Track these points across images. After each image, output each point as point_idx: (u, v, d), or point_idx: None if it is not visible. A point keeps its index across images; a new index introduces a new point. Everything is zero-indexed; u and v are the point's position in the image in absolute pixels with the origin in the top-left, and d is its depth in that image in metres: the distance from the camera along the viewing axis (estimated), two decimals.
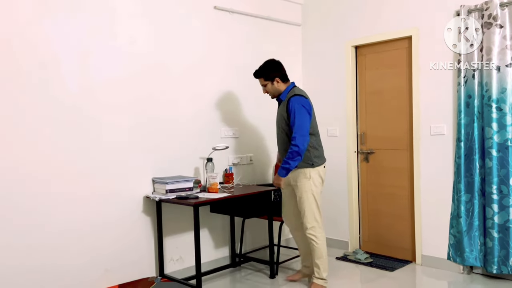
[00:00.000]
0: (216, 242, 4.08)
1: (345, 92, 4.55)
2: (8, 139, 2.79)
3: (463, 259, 3.69)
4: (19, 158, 2.84)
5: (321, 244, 3.46)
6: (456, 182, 3.73)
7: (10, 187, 2.80)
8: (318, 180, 3.46)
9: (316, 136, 3.48)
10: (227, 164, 4.12)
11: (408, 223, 4.18)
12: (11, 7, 2.80)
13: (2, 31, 2.77)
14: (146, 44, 3.53)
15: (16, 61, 2.83)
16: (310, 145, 3.38)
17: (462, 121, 3.65)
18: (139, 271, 3.45)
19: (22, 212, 2.85)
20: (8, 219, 2.78)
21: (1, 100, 2.77)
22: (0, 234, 2.75)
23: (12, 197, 2.80)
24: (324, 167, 3.52)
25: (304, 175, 3.42)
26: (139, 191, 3.48)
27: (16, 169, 2.82)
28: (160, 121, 3.61)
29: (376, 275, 3.87)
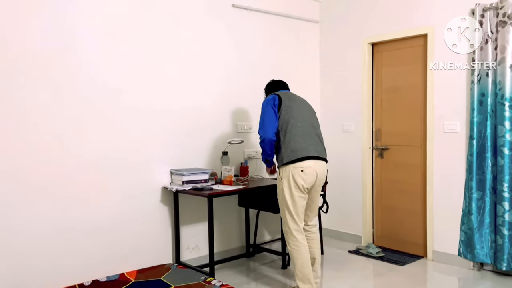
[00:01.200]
0: (231, 233, 4.23)
1: (361, 88, 4.61)
2: (39, 131, 3.01)
3: (474, 256, 3.72)
4: (46, 149, 3.05)
5: (294, 251, 3.15)
6: (468, 180, 3.76)
7: (40, 174, 3.01)
8: (288, 180, 3.09)
9: (285, 129, 3.14)
10: (243, 157, 4.26)
11: (420, 219, 4.23)
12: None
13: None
14: (167, 41, 3.69)
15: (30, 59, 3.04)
16: (279, 141, 3.18)
17: (475, 119, 3.67)
18: (156, 258, 3.64)
19: (49, 198, 3.06)
20: (37, 202, 3.00)
21: (33, 91, 2.98)
22: (29, 218, 2.97)
23: (41, 184, 3.02)
24: (302, 169, 3.05)
25: (278, 174, 3.23)
26: (157, 182, 3.66)
27: (45, 159, 3.04)
28: (178, 116, 3.77)
29: (387, 269, 3.94)
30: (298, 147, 3.10)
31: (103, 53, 3.32)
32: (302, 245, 3.16)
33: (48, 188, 3.05)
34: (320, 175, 3.19)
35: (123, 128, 3.44)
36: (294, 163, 3.08)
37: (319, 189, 3.31)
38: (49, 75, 3.05)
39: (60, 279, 3.09)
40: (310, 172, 3.10)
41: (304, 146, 3.11)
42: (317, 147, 3.19)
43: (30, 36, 2.96)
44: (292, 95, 3.39)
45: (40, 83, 3.01)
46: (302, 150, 3.09)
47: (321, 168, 3.19)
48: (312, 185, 3.15)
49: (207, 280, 3.13)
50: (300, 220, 3.17)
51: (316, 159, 3.14)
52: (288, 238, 3.20)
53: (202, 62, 3.94)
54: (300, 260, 3.15)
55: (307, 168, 3.08)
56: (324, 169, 3.24)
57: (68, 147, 3.15)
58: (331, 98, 4.92)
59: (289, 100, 3.27)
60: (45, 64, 3.03)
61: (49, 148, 3.06)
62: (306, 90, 4.79)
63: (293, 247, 3.16)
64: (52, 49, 3.06)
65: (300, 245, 3.15)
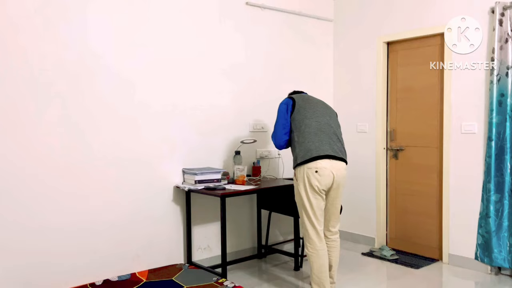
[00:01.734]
0: (243, 233, 4.19)
1: (376, 88, 4.54)
2: (53, 130, 2.99)
3: (491, 260, 3.64)
4: (60, 148, 3.03)
5: (311, 256, 3.06)
6: (485, 182, 3.67)
7: (53, 172, 3.00)
8: (303, 181, 3.00)
9: (299, 130, 3.09)
10: (255, 157, 4.21)
11: (435, 221, 4.15)
12: None
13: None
14: (181, 40, 3.65)
15: None
16: (293, 140, 3.14)
17: (494, 120, 3.59)
18: (168, 257, 3.61)
19: (59, 197, 3.04)
20: (48, 201, 2.99)
21: (42, 92, 2.96)
22: (41, 216, 2.96)
23: (53, 182, 3.00)
24: (316, 170, 2.95)
25: (294, 175, 3.16)
26: (169, 181, 3.62)
27: (58, 158, 3.02)
28: (191, 114, 3.74)
29: (401, 272, 3.87)
30: (312, 146, 3.00)
31: (116, 51, 3.29)
32: (320, 249, 3.05)
33: (59, 186, 3.03)
34: (338, 177, 3.02)
35: (136, 127, 3.41)
36: (308, 163, 2.97)
37: (339, 192, 3.12)
38: (64, 72, 3.03)
39: (72, 278, 3.07)
40: (326, 174, 2.97)
41: (318, 145, 3.00)
42: (334, 146, 3.05)
43: (44, 33, 2.94)
44: (308, 97, 3.33)
45: (55, 81, 2.99)
46: (317, 149, 2.98)
47: (339, 169, 3.02)
48: (328, 187, 3.03)
49: (219, 281, 3.09)
50: (318, 223, 3.06)
51: (333, 158, 3.00)
52: (306, 241, 3.10)
53: (215, 61, 3.90)
54: (317, 265, 3.04)
55: (322, 169, 2.96)
56: (343, 171, 3.06)
57: (82, 146, 3.13)
58: (345, 98, 4.85)
59: (303, 101, 3.21)
60: (60, 61, 3.01)
61: (63, 147, 3.04)
62: (319, 89, 4.74)
63: (311, 251, 3.06)
64: (67, 47, 3.04)
65: (318, 249, 3.04)
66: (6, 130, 2.82)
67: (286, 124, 3.18)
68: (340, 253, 3.29)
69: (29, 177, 2.90)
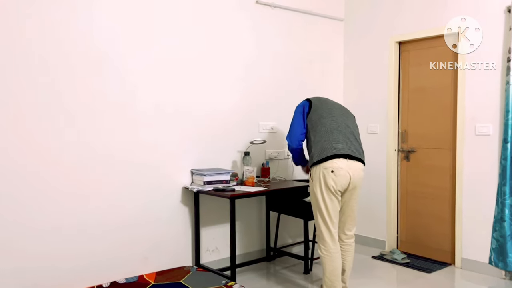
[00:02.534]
0: (252, 235, 4.13)
1: (387, 88, 4.46)
2: (61, 131, 2.95)
3: (506, 264, 3.55)
4: (67, 149, 2.99)
5: (324, 258, 2.99)
6: (501, 185, 3.59)
7: (59, 173, 2.96)
8: (318, 182, 2.93)
9: (315, 130, 3.05)
10: (264, 158, 4.15)
11: (448, 225, 4.07)
12: None
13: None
14: (190, 39, 3.60)
15: None
16: (309, 140, 3.11)
17: (510, 122, 3.50)
18: (176, 260, 3.55)
19: (68, 198, 3.00)
20: (56, 202, 2.94)
21: (44, 89, 2.92)
22: (46, 218, 2.91)
23: (60, 184, 2.96)
24: (332, 170, 2.88)
25: (309, 175, 3.08)
26: (178, 182, 3.57)
27: (65, 158, 2.98)
28: (200, 115, 3.68)
29: (413, 276, 3.79)
30: (328, 145, 2.94)
31: (122, 50, 3.24)
32: (334, 251, 2.98)
33: (67, 188, 2.99)
34: (355, 178, 2.95)
35: (144, 127, 3.36)
36: (324, 163, 2.90)
37: (355, 194, 3.05)
38: (67, 70, 2.99)
39: (79, 280, 3.03)
40: (342, 174, 2.89)
41: (335, 144, 2.94)
42: (351, 146, 2.98)
43: (47, 29, 2.90)
44: (324, 98, 3.32)
45: (62, 82, 2.95)
46: (333, 148, 2.92)
47: (355, 170, 2.95)
48: (345, 188, 2.95)
49: (229, 284, 3.04)
50: (333, 224, 2.99)
51: (349, 158, 2.93)
52: (320, 243, 3.02)
53: (224, 61, 3.84)
54: (330, 268, 2.98)
55: (338, 169, 2.88)
56: (359, 172, 2.99)
57: (90, 146, 3.09)
58: (355, 98, 4.78)
59: (320, 102, 3.19)
60: (63, 58, 2.97)
61: (69, 147, 3.00)
62: (330, 89, 4.69)
63: (324, 253, 2.99)
64: (71, 43, 3.00)
65: (332, 252, 2.97)
66: (8, 127, 2.76)
67: (302, 124, 3.16)
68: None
69: (31, 176, 2.85)
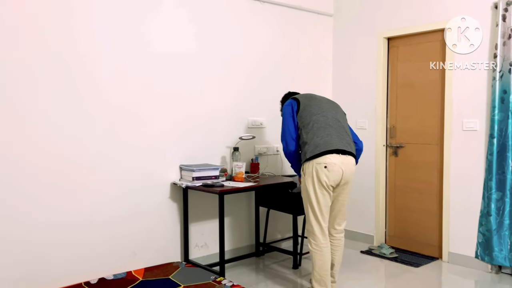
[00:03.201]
0: (240, 231, 4.13)
1: (376, 84, 4.48)
2: (52, 124, 2.91)
3: (492, 258, 3.60)
4: (55, 142, 2.96)
5: (314, 252, 3.01)
6: (487, 179, 3.63)
7: (47, 168, 2.92)
8: (311, 177, 2.93)
9: (307, 127, 3.04)
10: (254, 154, 4.15)
11: (435, 220, 4.11)
12: None
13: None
14: (178, 35, 3.58)
15: None
16: (301, 138, 3.07)
17: (496, 117, 3.54)
18: (164, 255, 3.54)
19: (53, 192, 2.97)
20: (46, 196, 2.91)
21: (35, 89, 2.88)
22: (32, 211, 2.88)
23: (47, 176, 2.93)
24: (325, 166, 2.89)
25: (301, 170, 3.08)
26: (166, 177, 3.55)
27: (50, 151, 2.95)
28: (189, 110, 3.66)
29: (401, 271, 3.83)
30: (321, 141, 2.94)
31: (114, 44, 3.21)
32: (324, 246, 3.00)
33: (54, 184, 2.96)
34: (347, 173, 2.96)
35: (132, 122, 3.33)
36: (317, 158, 2.90)
37: (347, 189, 3.06)
38: (59, 62, 2.96)
39: (66, 277, 3.00)
40: (335, 170, 2.90)
41: (328, 140, 2.94)
42: (343, 140, 2.99)
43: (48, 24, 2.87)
44: (311, 94, 3.28)
45: (53, 78, 2.92)
46: (326, 144, 2.92)
47: (347, 165, 2.97)
48: (337, 183, 2.96)
49: (217, 279, 3.04)
50: (324, 219, 3.00)
51: (342, 153, 2.94)
52: (310, 238, 3.04)
53: (213, 56, 3.82)
54: (320, 262, 2.99)
55: (331, 164, 2.89)
56: (351, 167, 3.01)
57: (77, 143, 3.06)
58: (344, 94, 4.79)
59: (307, 99, 3.17)
60: (59, 57, 2.93)
61: (57, 144, 2.97)
62: (319, 84, 4.70)
63: (314, 248, 3.01)
64: (65, 35, 2.97)
65: (322, 247, 2.99)
66: None
67: (293, 125, 3.12)
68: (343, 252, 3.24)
69: (20, 173, 2.82)
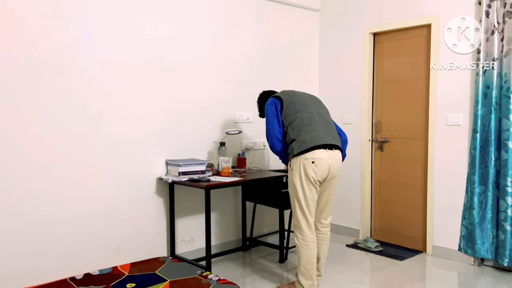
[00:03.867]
0: (227, 225, 4.13)
1: (362, 79, 4.50)
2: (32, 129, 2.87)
3: (474, 251, 3.66)
4: (41, 136, 2.92)
5: (300, 247, 3.03)
6: (470, 174, 3.68)
7: (34, 159, 2.89)
8: (298, 172, 2.95)
9: (293, 125, 3.04)
10: (240, 148, 4.15)
11: (420, 213, 4.16)
12: None
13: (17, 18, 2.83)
14: (165, 29, 3.55)
15: None
16: (288, 136, 3.06)
17: (479, 112, 3.59)
18: (150, 250, 3.53)
19: (39, 186, 2.94)
20: (30, 191, 2.88)
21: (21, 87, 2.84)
22: (16, 206, 2.85)
23: (30, 172, 2.90)
24: (313, 161, 2.90)
25: (289, 165, 3.09)
26: (152, 172, 3.54)
27: (37, 145, 2.91)
28: (174, 105, 3.64)
29: (386, 264, 3.87)
30: (308, 137, 2.95)
31: (102, 38, 3.18)
32: (310, 240, 3.02)
33: (38, 180, 2.93)
34: (334, 168, 2.99)
35: (117, 116, 3.31)
36: (305, 154, 2.92)
37: (333, 183, 3.09)
38: (47, 64, 2.92)
39: (51, 272, 2.97)
40: (322, 165, 2.92)
41: (314, 135, 2.96)
42: (329, 135, 3.01)
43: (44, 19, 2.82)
44: (292, 91, 3.27)
45: (39, 72, 2.88)
46: (313, 140, 2.93)
47: (334, 159, 2.99)
48: (324, 178, 2.98)
49: (204, 274, 3.04)
50: (311, 214, 3.02)
51: (329, 148, 2.97)
52: (296, 232, 3.05)
53: (199, 51, 3.80)
54: (306, 256, 3.01)
55: (319, 160, 2.91)
56: (338, 161, 3.03)
57: (62, 138, 3.02)
58: (330, 89, 4.81)
59: (289, 96, 3.16)
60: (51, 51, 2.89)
61: (42, 139, 2.93)
62: (305, 80, 4.71)
63: (301, 242, 3.03)
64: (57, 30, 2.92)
65: (308, 241, 3.01)
66: None
67: (277, 124, 3.10)
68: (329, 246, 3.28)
69: (0, 166, 2.79)
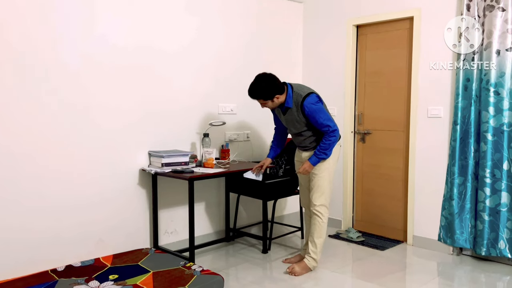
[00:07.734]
0: (211, 217, 4.13)
1: (345, 71, 4.53)
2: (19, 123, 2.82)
3: (453, 241, 3.74)
4: (17, 130, 2.87)
5: (325, 224, 3.42)
6: (450, 165, 3.75)
7: (13, 153, 2.84)
8: (333, 158, 3.37)
9: None
10: (224, 140, 4.14)
11: (401, 204, 4.23)
12: None
13: None
14: (147, 22, 3.51)
15: None
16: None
17: (459, 104, 3.65)
18: (133, 242, 3.51)
19: (21, 177, 2.89)
20: (11, 182, 2.83)
21: None
22: (3, 197, 2.81)
23: (12, 163, 2.85)
24: (340, 146, 3.49)
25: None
26: (135, 163, 3.51)
27: (14, 140, 2.86)
28: (158, 96, 3.61)
29: (367, 254, 3.93)
30: None
31: (82, 30, 3.13)
32: None
33: (19, 170, 2.88)
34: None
35: (100, 106, 3.26)
36: (339, 140, 3.42)
37: None
38: (33, 54, 2.85)
39: (32, 264, 2.94)
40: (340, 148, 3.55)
41: None
42: None
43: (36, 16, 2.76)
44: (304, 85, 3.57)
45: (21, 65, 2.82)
46: None
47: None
48: None
49: (187, 265, 3.04)
50: None
51: None
52: (322, 211, 3.39)
53: (183, 43, 3.77)
54: (325, 235, 3.47)
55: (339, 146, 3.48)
56: None
57: (43, 126, 2.97)
58: (313, 81, 4.80)
59: None
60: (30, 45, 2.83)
61: (24, 130, 2.88)
62: (288, 71, 4.71)
63: (326, 220, 3.42)
64: None
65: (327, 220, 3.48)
66: None
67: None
68: (302, 234, 3.64)
69: None
